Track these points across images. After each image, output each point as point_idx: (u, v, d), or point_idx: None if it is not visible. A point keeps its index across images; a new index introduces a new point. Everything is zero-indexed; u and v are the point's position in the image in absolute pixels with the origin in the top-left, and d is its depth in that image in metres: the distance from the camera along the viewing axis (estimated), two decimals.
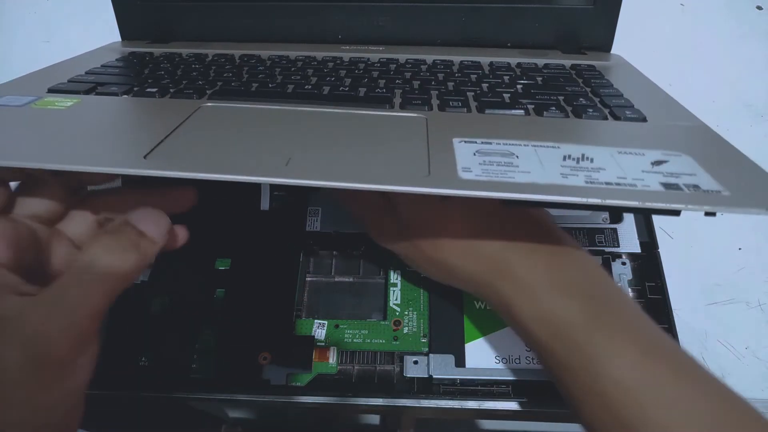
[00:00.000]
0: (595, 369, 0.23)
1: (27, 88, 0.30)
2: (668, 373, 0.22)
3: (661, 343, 0.24)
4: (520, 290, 0.26)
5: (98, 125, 0.27)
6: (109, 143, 0.25)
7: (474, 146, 0.23)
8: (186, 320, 0.34)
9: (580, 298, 0.25)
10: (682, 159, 0.23)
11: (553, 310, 0.25)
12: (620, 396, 0.22)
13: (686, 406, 0.21)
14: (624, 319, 0.24)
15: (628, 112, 0.28)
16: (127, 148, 0.24)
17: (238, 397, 0.32)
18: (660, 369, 0.22)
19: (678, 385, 0.22)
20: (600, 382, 0.23)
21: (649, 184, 0.21)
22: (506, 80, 0.34)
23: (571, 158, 0.22)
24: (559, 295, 0.25)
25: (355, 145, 0.25)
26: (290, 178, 0.20)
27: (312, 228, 0.37)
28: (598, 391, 0.23)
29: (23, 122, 0.26)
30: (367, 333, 0.34)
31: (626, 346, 0.23)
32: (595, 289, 0.26)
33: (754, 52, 0.51)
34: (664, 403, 0.21)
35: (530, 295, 0.25)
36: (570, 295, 0.25)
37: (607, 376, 0.22)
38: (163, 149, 0.23)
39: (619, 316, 0.24)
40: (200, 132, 0.25)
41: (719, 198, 0.20)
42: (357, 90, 0.31)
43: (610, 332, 0.23)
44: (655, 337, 0.24)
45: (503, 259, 0.26)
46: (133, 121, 0.28)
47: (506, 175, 0.21)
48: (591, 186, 0.21)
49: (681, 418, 0.21)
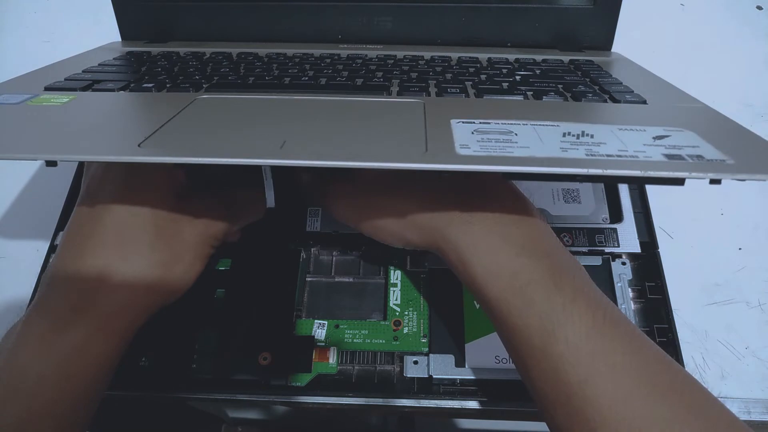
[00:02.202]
0: (552, 328, 0.23)
1: (24, 87, 0.30)
2: (620, 343, 0.22)
3: (614, 313, 0.24)
4: (474, 247, 0.26)
5: (93, 118, 0.27)
6: (103, 134, 0.25)
7: (472, 126, 0.23)
8: (186, 320, 0.34)
9: (538, 258, 0.25)
10: (685, 133, 0.23)
11: (511, 266, 0.25)
12: (572, 358, 0.22)
13: (631, 374, 0.22)
14: (580, 284, 0.24)
15: (627, 95, 0.28)
16: (122, 138, 0.24)
17: (238, 397, 0.32)
18: (614, 336, 0.23)
19: (627, 355, 0.22)
20: (553, 343, 0.22)
21: (652, 156, 0.20)
22: (504, 72, 0.34)
23: (571, 134, 0.22)
24: (517, 254, 0.25)
25: (351, 127, 0.25)
26: (285, 159, 0.20)
27: (312, 228, 0.37)
28: (550, 352, 0.23)
29: (19, 118, 0.26)
30: (367, 333, 0.34)
31: (583, 310, 0.23)
32: (554, 252, 0.26)
33: (754, 52, 0.51)
34: (612, 369, 0.22)
35: (486, 250, 0.25)
36: (528, 254, 0.25)
37: (562, 338, 0.22)
38: (158, 137, 0.23)
39: (576, 280, 0.24)
40: (195, 121, 0.25)
41: (723, 166, 0.20)
42: (354, 80, 0.31)
43: (571, 294, 0.23)
44: (608, 306, 0.24)
45: (452, 226, 0.26)
46: (128, 113, 0.28)
47: (505, 150, 0.21)
48: (592, 158, 0.20)
49: (626, 387, 0.21)
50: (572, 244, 0.36)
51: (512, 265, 0.25)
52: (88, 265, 0.26)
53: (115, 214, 0.27)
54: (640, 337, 0.24)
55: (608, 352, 0.22)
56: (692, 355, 0.36)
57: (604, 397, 0.21)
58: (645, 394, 0.21)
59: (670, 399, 0.21)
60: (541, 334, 0.23)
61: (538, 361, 0.23)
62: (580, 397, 0.22)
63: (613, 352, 0.22)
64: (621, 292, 0.35)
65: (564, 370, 0.22)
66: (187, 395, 0.33)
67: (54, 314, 0.25)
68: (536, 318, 0.23)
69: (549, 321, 0.23)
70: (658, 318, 0.34)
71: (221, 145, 0.23)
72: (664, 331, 0.33)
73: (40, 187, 0.44)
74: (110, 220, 0.27)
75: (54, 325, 0.25)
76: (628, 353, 0.22)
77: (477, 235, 0.26)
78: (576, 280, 0.24)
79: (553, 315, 0.23)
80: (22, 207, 0.43)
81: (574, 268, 0.25)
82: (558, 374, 0.22)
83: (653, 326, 0.33)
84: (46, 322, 0.25)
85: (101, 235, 0.26)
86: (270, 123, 0.25)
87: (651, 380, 0.22)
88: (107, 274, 0.26)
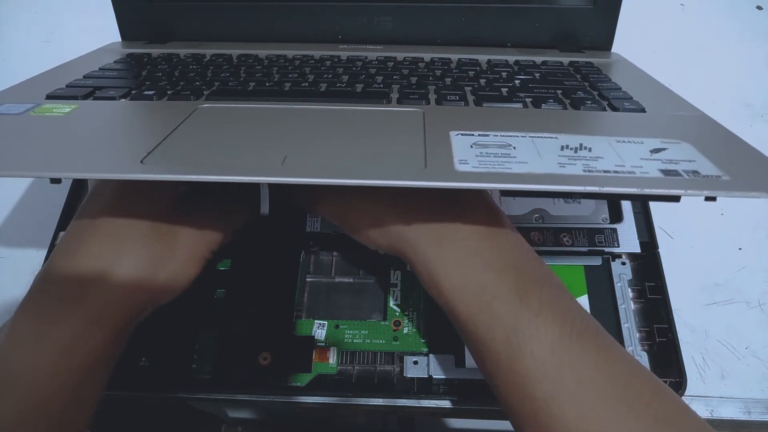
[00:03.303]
0: (517, 343, 0.22)
1: (26, 95, 0.30)
2: (588, 356, 0.22)
3: (584, 325, 0.23)
4: (444, 261, 0.25)
5: (96, 131, 0.27)
6: (106, 149, 0.25)
7: (471, 139, 0.23)
8: (186, 320, 0.34)
9: (506, 272, 0.24)
10: (682, 146, 0.23)
11: (477, 281, 0.24)
12: (538, 373, 0.22)
13: (598, 387, 0.21)
14: (548, 297, 0.24)
15: (626, 103, 0.28)
16: (125, 153, 0.24)
17: (238, 397, 0.32)
18: (582, 350, 0.22)
19: (595, 369, 0.22)
20: (519, 358, 0.22)
21: (648, 171, 0.21)
22: (504, 76, 0.34)
23: (569, 148, 0.22)
24: (484, 268, 0.25)
25: (351, 141, 0.25)
26: (286, 176, 0.20)
27: (312, 228, 0.37)
28: (516, 367, 0.22)
29: (22, 130, 0.26)
30: (367, 333, 0.34)
31: (549, 324, 0.23)
32: (523, 265, 0.25)
33: (754, 52, 0.51)
34: (579, 384, 0.21)
35: (454, 265, 0.25)
36: (496, 269, 0.25)
37: (528, 352, 0.22)
38: (160, 153, 0.23)
39: (543, 293, 0.24)
40: (196, 134, 0.26)
41: (719, 183, 0.20)
42: (354, 86, 0.31)
43: (537, 308, 0.23)
44: (578, 317, 0.24)
45: (420, 235, 0.26)
46: (130, 125, 0.28)
47: (503, 166, 0.21)
48: (589, 174, 0.20)
49: (593, 399, 0.21)
50: (572, 244, 0.36)
51: (479, 280, 0.24)
52: (81, 262, 0.26)
53: (111, 216, 0.27)
54: (611, 349, 0.23)
55: (575, 366, 0.22)
56: (692, 355, 0.36)
57: (571, 412, 0.21)
58: (612, 407, 0.21)
59: (639, 411, 0.21)
60: (507, 349, 0.23)
61: (505, 376, 0.23)
62: (547, 414, 0.21)
63: (580, 366, 0.22)
64: (621, 292, 0.35)
65: (530, 385, 0.22)
66: (187, 395, 0.33)
67: (46, 308, 0.25)
68: (502, 333, 0.23)
69: (515, 336, 0.23)
70: (658, 318, 0.34)
71: (223, 162, 0.23)
72: (664, 331, 0.33)
73: (40, 187, 0.44)
74: (106, 222, 0.27)
75: (46, 318, 0.25)
76: (596, 367, 0.22)
77: (446, 249, 0.26)
78: (544, 293, 0.24)
79: (518, 330, 0.23)
80: (23, 207, 0.43)
81: (542, 280, 0.25)
82: (524, 390, 0.22)
83: (653, 326, 0.33)
84: (38, 317, 0.25)
85: (96, 236, 0.26)
86: (271, 137, 0.25)
87: (619, 393, 0.21)
88: (100, 268, 0.26)
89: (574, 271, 0.35)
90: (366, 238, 0.29)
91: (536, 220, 0.37)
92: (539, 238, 0.36)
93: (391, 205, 0.27)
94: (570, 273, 0.35)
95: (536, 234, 0.36)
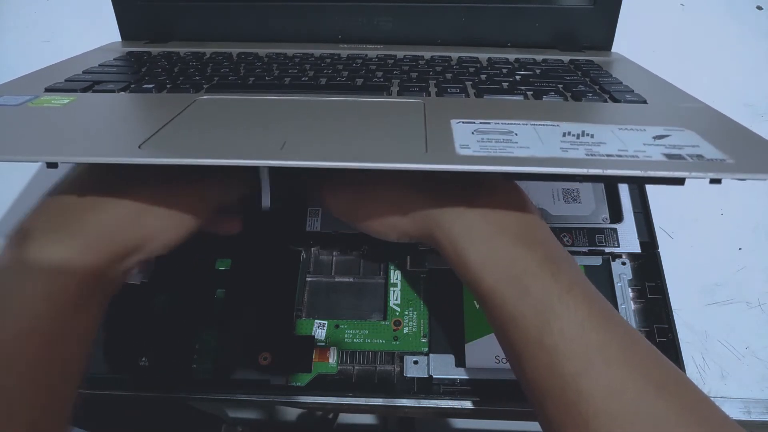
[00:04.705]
0: (547, 319, 0.22)
1: (24, 88, 0.30)
2: (615, 336, 0.22)
3: (608, 306, 0.24)
4: (469, 234, 0.25)
5: (94, 120, 0.27)
6: (104, 135, 0.25)
7: (472, 126, 0.23)
8: (186, 320, 0.34)
9: (534, 248, 0.24)
10: (685, 133, 0.23)
11: (507, 254, 0.24)
12: (567, 350, 0.22)
13: (625, 368, 0.22)
14: (576, 276, 0.24)
15: (628, 95, 0.28)
16: (122, 139, 0.24)
17: (238, 397, 0.32)
18: (609, 329, 0.22)
19: (622, 350, 0.22)
20: (548, 334, 0.22)
21: (652, 155, 0.20)
22: (504, 72, 0.34)
23: (571, 134, 0.22)
24: (513, 243, 0.24)
25: (351, 128, 0.25)
26: (285, 160, 0.20)
27: (312, 228, 0.37)
28: (545, 342, 0.22)
29: (19, 119, 0.26)
30: (367, 333, 0.34)
31: (579, 302, 0.23)
32: (549, 242, 0.25)
33: (754, 52, 0.51)
34: (607, 363, 0.21)
35: (481, 238, 0.25)
36: (524, 244, 0.25)
37: (557, 329, 0.22)
38: (159, 139, 0.23)
39: (572, 271, 0.24)
40: (196, 122, 0.25)
41: (724, 165, 0.20)
42: (354, 80, 0.31)
43: (567, 285, 0.23)
44: (601, 299, 0.24)
45: (448, 214, 0.26)
46: (128, 114, 0.28)
47: (505, 150, 0.21)
48: (592, 158, 0.20)
49: (620, 380, 0.21)
50: (572, 244, 0.36)
51: (508, 253, 0.24)
52: (72, 198, 0.26)
53: (107, 172, 0.27)
54: (635, 333, 0.23)
55: (603, 346, 0.22)
56: (692, 355, 0.36)
57: (598, 390, 0.21)
58: (639, 388, 0.21)
59: (664, 395, 0.21)
60: (537, 325, 0.23)
61: (532, 352, 0.23)
62: (574, 390, 0.21)
63: (608, 345, 0.22)
64: (621, 292, 0.35)
65: (558, 362, 0.22)
66: (187, 395, 0.33)
67: (41, 234, 0.25)
68: (531, 308, 0.23)
69: (544, 311, 0.23)
70: (658, 318, 0.34)
71: (222, 147, 0.23)
72: (664, 331, 0.33)
73: (40, 187, 0.44)
74: (99, 169, 0.27)
75: (41, 242, 0.24)
76: (623, 347, 0.22)
77: (472, 222, 0.25)
78: (572, 272, 0.24)
79: (548, 305, 0.23)
80: (23, 207, 0.43)
81: (569, 260, 0.25)
82: (552, 366, 0.22)
83: (653, 326, 0.33)
84: (30, 241, 0.24)
85: (90, 181, 0.27)
86: (270, 124, 0.25)
87: (645, 375, 0.22)
88: (92, 205, 0.25)
89: None
90: (384, 226, 0.29)
91: None
92: None
93: (409, 189, 0.27)
94: None
95: None
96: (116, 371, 0.33)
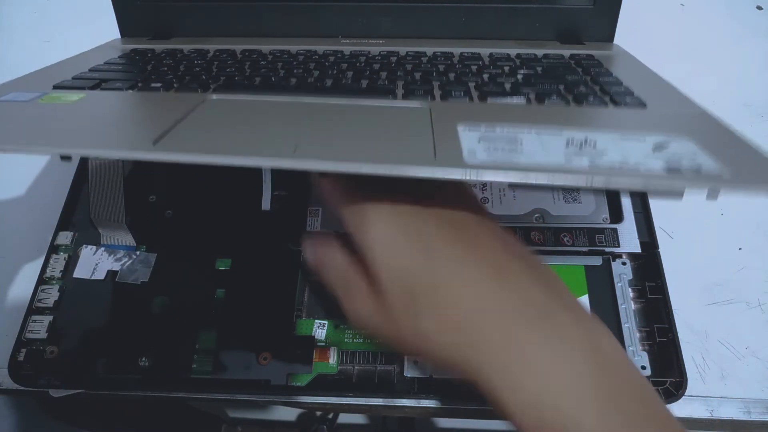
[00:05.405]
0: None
1: (32, 85, 0.30)
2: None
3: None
4: (503, 367, 0.20)
5: (105, 117, 0.27)
6: (116, 132, 0.25)
7: (478, 132, 0.24)
8: (186, 320, 0.34)
9: (589, 389, 0.19)
10: (683, 142, 0.23)
11: (551, 401, 0.19)
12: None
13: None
14: (638, 420, 0.19)
15: (627, 98, 0.28)
16: (136, 136, 0.24)
17: (238, 397, 0.32)
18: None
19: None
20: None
21: (651, 167, 0.21)
22: (506, 70, 0.34)
23: (573, 143, 0.23)
24: (560, 381, 0.19)
25: (361, 132, 0.25)
26: (299, 162, 0.20)
27: (312, 228, 0.37)
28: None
29: (31, 115, 0.26)
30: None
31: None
32: (609, 378, 0.20)
33: (754, 52, 0.51)
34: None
35: (519, 374, 0.20)
36: (578, 382, 0.19)
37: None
38: (172, 136, 0.23)
39: (634, 419, 0.19)
40: (207, 121, 0.25)
41: (721, 179, 0.20)
42: (359, 82, 0.31)
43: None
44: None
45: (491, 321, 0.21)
46: (139, 112, 0.28)
47: (511, 158, 0.21)
48: (595, 168, 0.21)
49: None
50: (572, 244, 0.36)
51: (553, 398, 0.19)
52: None
53: None
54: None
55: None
56: (692, 355, 0.36)
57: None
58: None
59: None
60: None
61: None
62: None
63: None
64: (621, 292, 0.35)
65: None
66: (187, 395, 0.33)
67: None
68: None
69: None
70: (658, 318, 0.34)
71: (236, 147, 0.23)
72: (664, 331, 0.33)
73: (41, 187, 0.44)
74: None
75: None
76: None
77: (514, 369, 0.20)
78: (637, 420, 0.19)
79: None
80: (23, 207, 0.43)
81: (633, 394, 0.20)
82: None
83: (653, 326, 0.33)
84: None
85: None
86: (281, 126, 0.25)
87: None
88: None
89: (575, 271, 0.35)
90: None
91: (536, 220, 0.37)
92: (539, 238, 0.36)
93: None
94: (570, 273, 0.35)
95: (536, 234, 0.36)
96: (116, 371, 0.33)
